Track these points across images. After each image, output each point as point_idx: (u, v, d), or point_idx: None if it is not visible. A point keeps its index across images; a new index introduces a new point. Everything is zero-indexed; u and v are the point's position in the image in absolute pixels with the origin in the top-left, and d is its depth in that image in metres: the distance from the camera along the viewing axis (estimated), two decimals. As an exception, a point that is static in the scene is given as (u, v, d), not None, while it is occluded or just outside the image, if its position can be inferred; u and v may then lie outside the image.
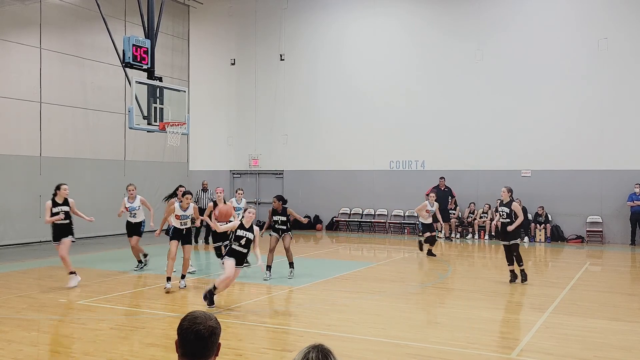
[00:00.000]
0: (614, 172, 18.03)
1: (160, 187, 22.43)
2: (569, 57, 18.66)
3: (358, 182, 21.71)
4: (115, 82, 19.55)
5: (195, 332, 2.62)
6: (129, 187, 12.71)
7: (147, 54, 13.20)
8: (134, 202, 12.52)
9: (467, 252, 17.02)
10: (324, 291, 10.43)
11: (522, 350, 6.90)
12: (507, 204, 11.30)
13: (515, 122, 19.25)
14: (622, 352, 6.89)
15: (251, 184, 23.81)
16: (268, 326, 7.94)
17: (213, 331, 2.65)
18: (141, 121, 13.08)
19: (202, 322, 2.64)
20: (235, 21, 23.82)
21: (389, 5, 21.31)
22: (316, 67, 22.41)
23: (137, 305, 9.15)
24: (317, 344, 2.45)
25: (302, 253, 15.75)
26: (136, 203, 12.54)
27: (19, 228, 17.15)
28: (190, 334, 2.62)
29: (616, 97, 18.12)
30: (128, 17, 20.14)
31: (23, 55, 17.67)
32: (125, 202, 12.57)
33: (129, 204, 12.51)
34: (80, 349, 6.97)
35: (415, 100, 20.71)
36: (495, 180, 19.40)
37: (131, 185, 12.77)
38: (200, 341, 2.62)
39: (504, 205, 11.35)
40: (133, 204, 12.52)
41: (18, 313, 8.66)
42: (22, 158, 17.51)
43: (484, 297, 10.00)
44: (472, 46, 19.88)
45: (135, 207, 12.50)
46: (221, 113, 24.07)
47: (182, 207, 10.59)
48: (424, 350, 6.88)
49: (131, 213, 12.55)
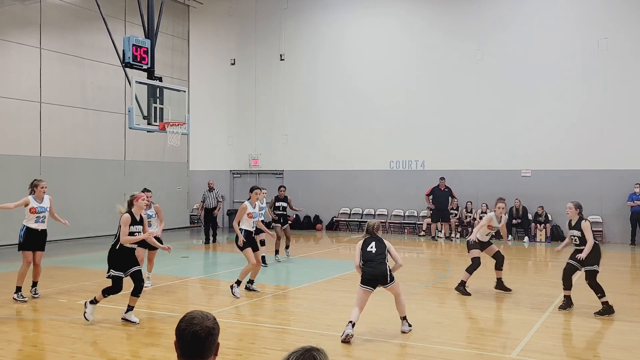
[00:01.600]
0: (614, 172, 18.02)
1: (161, 187, 22.45)
2: (569, 57, 18.66)
3: (358, 182, 21.70)
4: (115, 82, 19.54)
5: (192, 333, 2.62)
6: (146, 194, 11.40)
7: (147, 54, 13.21)
8: (149, 210, 10.63)
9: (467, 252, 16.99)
10: (324, 291, 10.43)
11: (522, 350, 6.90)
12: (576, 225, 9.07)
13: (516, 122, 19.26)
14: (622, 352, 6.89)
15: (251, 184, 23.74)
16: (268, 326, 7.93)
17: (210, 332, 2.64)
18: (141, 121, 13.08)
19: (199, 323, 2.64)
20: (235, 21, 23.82)
21: (389, 5, 21.31)
22: (316, 67, 22.41)
23: (137, 305, 9.15)
24: (307, 348, 2.42)
25: (302, 253, 15.75)
26: (151, 211, 10.79)
27: (19, 228, 17.09)
28: (187, 334, 2.62)
29: (616, 97, 18.12)
30: (128, 17, 20.13)
31: (23, 55, 17.67)
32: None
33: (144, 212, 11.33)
34: (80, 349, 6.97)
35: (415, 100, 20.71)
36: (495, 180, 19.43)
37: (149, 192, 10.73)
38: (198, 342, 2.62)
39: (574, 228, 9.12)
40: (148, 211, 10.43)
41: (18, 313, 8.66)
42: (22, 158, 17.50)
43: (484, 297, 9.99)
44: (472, 46, 19.88)
45: (150, 215, 10.66)
46: (221, 113, 24.07)
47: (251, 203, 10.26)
48: (424, 350, 6.88)
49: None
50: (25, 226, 9.66)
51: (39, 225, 9.67)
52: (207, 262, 15.78)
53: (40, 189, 9.68)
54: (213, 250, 17.58)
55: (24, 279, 9.65)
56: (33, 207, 9.56)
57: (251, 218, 10.15)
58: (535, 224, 18.64)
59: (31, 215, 9.60)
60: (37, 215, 9.60)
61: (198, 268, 14.55)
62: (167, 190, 22.62)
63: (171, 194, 22.75)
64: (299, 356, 2.40)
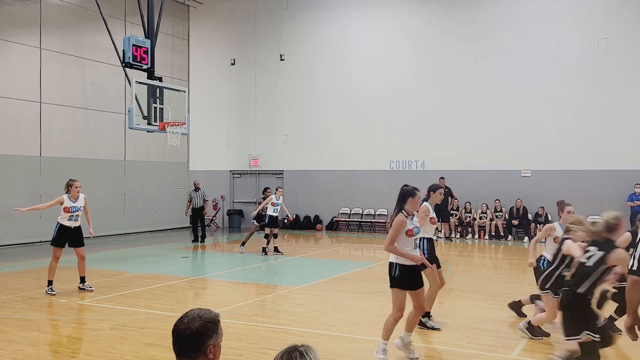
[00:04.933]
0: (614, 172, 18.02)
1: (161, 187, 22.48)
2: (568, 57, 18.67)
3: (358, 182, 21.70)
4: (115, 82, 19.54)
5: (176, 331, 2.64)
6: (273, 190, 15.18)
7: (147, 54, 13.21)
8: (279, 200, 14.79)
9: (467, 252, 17.02)
10: (324, 291, 10.43)
11: (522, 350, 6.91)
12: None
13: (516, 122, 19.25)
14: (622, 352, 6.89)
15: (251, 184, 23.81)
16: (268, 326, 7.93)
17: (195, 332, 2.60)
18: (141, 121, 13.08)
19: (186, 322, 2.63)
20: (235, 21, 23.81)
21: (389, 6, 21.31)
22: (316, 67, 22.41)
23: (137, 305, 9.15)
24: (294, 347, 2.43)
25: (302, 253, 15.75)
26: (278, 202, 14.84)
27: (19, 228, 17.14)
28: (174, 332, 2.65)
29: (616, 97, 18.12)
30: (128, 17, 20.14)
31: (23, 55, 17.67)
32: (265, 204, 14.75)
33: (276, 201, 14.67)
34: (80, 349, 6.97)
35: (415, 100, 20.71)
36: (495, 180, 19.44)
37: (280, 189, 15.34)
38: (181, 340, 2.62)
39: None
40: (277, 203, 14.76)
41: (18, 313, 8.66)
42: (22, 158, 17.51)
43: (484, 297, 10.00)
44: (472, 46, 19.89)
45: (279, 203, 14.85)
46: (221, 113, 24.07)
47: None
48: (423, 350, 6.88)
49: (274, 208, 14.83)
50: (59, 223, 10.03)
51: (72, 223, 10.05)
52: (207, 262, 15.78)
53: (75, 189, 10.00)
54: (213, 250, 17.58)
55: (54, 274, 10.06)
56: (67, 206, 9.93)
57: (433, 224, 8.30)
58: (535, 224, 18.64)
59: (65, 214, 9.95)
60: (70, 214, 9.96)
61: (198, 268, 14.55)
62: (167, 190, 22.64)
63: (171, 194, 22.76)
64: (284, 354, 2.41)
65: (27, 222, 17.37)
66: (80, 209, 10.07)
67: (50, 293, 9.88)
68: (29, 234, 17.38)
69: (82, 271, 10.26)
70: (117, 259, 14.42)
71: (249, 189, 23.86)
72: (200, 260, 15.95)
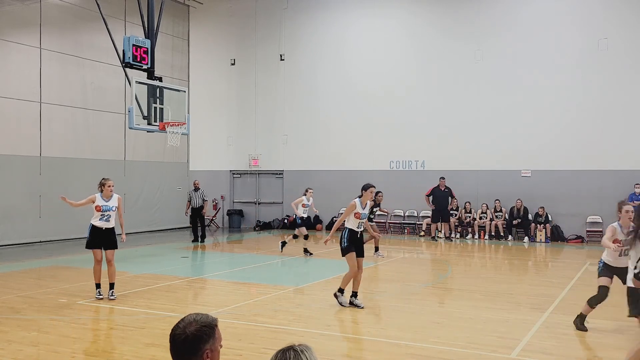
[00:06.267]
0: (614, 172, 18.02)
1: (161, 187, 22.47)
2: (568, 57, 18.67)
3: (358, 182, 21.57)
4: (115, 82, 19.54)
5: (172, 336, 2.65)
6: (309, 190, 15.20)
7: (147, 54, 13.21)
8: (309, 201, 14.99)
9: (467, 252, 17.01)
10: (324, 291, 10.42)
11: (522, 350, 6.90)
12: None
13: (516, 122, 19.26)
14: (622, 352, 6.88)
15: (251, 184, 23.81)
16: (268, 326, 7.93)
17: (189, 337, 2.60)
18: (141, 121, 13.08)
19: (182, 327, 2.63)
20: (235, 21, 23.81)
21: (389, 6, 21.31)
22: (316, 67, 22.41)
23: (137, 305, 9.15)
24: (289, 346, 2.45)
25: (303, 253, 15.74)
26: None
27: (19, 228, 17.15)
28: (170, 336, 2.66)
29: (616, 97, 18.13)
30: (128, 17, 20.14)
31: (23, 55, 17.67)
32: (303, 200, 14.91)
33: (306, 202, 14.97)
34: (80, 349, 6.97)
35: (415, 100, 20.71)
36: (495, 180, 19.44)
37: (310, 190, 15.33)
38: (177, 344, 2.63)
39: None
40: (307, 204, 14.99)
41: (18, 313, 8.66)
42: (22, 158, 17.50)
43: (484, 297, 10.00)
44: (472, 46, 19.89)
45: (309, 204, 15.05)
46: (221, 113, 24.07)
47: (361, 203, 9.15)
48: (424, 350, 6.88)
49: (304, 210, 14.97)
50: (92, 224, 9.69)
51: (104, 224, 9.64)
52: (207, 262, 15.77)
53: (107, 188, 9.66)
54: (213, 250, 17.58)
55: (100, 276, 9.70)
56: (99, 205, 9.60)
57: (358, 218, 9.02)
58: (535, 224, 18.64)
59: (97, 213, 9.64)
60: (102, 214, 9.61)
61: (198, 268, 14.55)
62: (167, 190, 22.64)
63: (171, 194, 22.76)
64: (279, 352, 2.44)
65: (27, 222, 17.39)
66: (113, 209, 9.67)
67: (98, 297, 9.48)
68: (29, 234, 17.38)
69: (112, 277, 9.70)
70: (117, 259, 14.32)
71: (249, 189, 23.86)
72: (200, 260, 15.95)
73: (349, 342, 7.20)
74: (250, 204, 23.83)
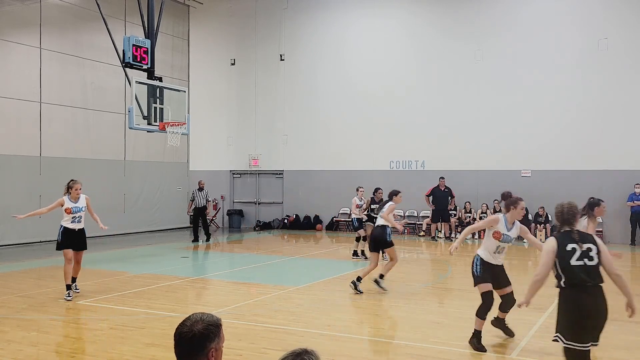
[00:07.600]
0: (614, 172, 18.02)
1: (161, 187, 22.48)
2: (569, 57, 18.67)
3: (358, 182, 21.63)
4: (115, 82, 19.55)
5: (178, 335, 2.65)
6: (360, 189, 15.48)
7: (147, 54, 13.21)
8: (362, 201, 14.89)
9: (467, 252, 17.01)
10: (324, 291, 10.43)
11: (522, 350, 6.91)
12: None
13: (516, 122, 19.26)
14: (622, 352, 6.89)
15: (251, 184, 23.81)
16: (268, 326, 7.93)
17: (196, 335, 2.62)
18: (141, 121, 13.08)
19: (189, 325, 2.65)
20: (235, 21, 23.81)
21: (389, 6, 21.31)
22: (316, 67, 22.41)
23: (137, 305, 9.15)
24: (299, 352, 2.42)
25: (302, 253, 15.75)
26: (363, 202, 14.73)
27: (19, 228, 17.14)
28: (176, 334, 2.66)
29: (616, 97, 18.13)
30: (128, 17, 20.14)
31: (23, 55, 17.67)
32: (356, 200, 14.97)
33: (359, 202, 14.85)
34: (80, 349, 6.97)
35: (415, 100, 20.71)
36: (495, 180, 19.43)
37: (361, 188, 15.55)
38: (182, 343, 2.63)
39: None
40: (362, 202, 14.89)
41: (18, 313, 8.66)
42: (22, 158, 17.51)
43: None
44: (472, 46, 19.89)
45: (362, 204, 14.82)
46: (221, 113, 24.07)
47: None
48: (424, 350, 6.88)
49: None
50: (63, 226, 9.80)
51: (76, 225, 9.83)
52: (207, 262, 15.77)
53: (74, 190, 9.83)
54: (213, 250, 17.58)
55: (70, 277, 9.75)
56: (68, 207, 9.74)
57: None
58: (535, 224, 18.64)
59: (67, 216, 9.78)
60: (72, 216, 9.76)
61: (198, 268, 14.55)
62: (167, 190, 22.64)
63: (171, 194, 22.76)
64: (288, 355, 2.42)
65: (27, 222, 17.28)
66: (83, 210, 9.87)
67: (67, 298, 9.44)
68: (29, 234, 17.38)
69: (76, 273, 9.95)
70: (117, 259, 14.42)
71: (249, 189, 23.86)
72: (200, 260, 15.95)
73: (349, 342, 7.21)
74: (250, 204, 23.83)
